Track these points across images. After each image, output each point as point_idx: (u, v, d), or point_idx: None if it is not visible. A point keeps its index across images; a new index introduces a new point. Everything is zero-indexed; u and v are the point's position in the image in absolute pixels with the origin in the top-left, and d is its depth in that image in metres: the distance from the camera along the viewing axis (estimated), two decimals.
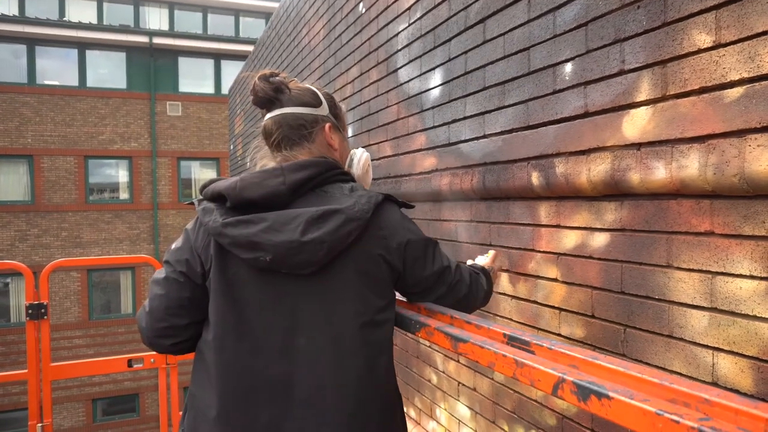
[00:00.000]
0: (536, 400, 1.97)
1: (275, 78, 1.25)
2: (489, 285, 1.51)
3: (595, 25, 1.60)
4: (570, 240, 1.76)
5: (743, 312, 1.23)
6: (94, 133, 14.87)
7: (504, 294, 2.14)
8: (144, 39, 15.47)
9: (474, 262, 1.66)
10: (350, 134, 3.68)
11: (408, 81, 2.81)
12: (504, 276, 2.13)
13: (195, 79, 16.35)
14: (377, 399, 1.16)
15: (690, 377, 1.35)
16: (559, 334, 1.83)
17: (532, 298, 1.97)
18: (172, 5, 17.56)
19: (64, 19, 15.55)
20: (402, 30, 2.85)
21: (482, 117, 2.18)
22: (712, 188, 1.25)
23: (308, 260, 1.07)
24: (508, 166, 1.99)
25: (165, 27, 17.24)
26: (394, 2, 2.92)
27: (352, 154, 1.40)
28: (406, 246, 1.19)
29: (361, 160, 1.40)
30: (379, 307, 1.17)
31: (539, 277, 1.92)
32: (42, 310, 3.21)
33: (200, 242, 1.16)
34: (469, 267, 1.51)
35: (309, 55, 4.58)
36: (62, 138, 14.53)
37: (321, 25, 4.22)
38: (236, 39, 16.74)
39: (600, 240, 1.63)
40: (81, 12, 16.23)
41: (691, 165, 1.29)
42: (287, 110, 1.25)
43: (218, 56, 16.54)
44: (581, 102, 1.66)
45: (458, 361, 2.51)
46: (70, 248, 14.38)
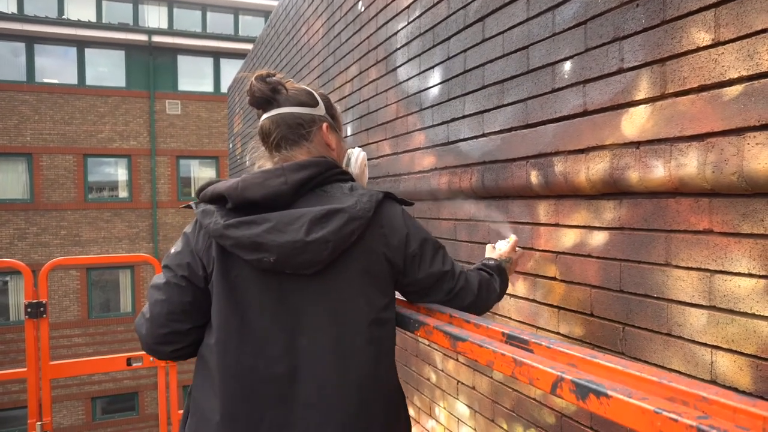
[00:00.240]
0: (535, 399, 1.97)
1: (272, 78, 1.25)
2: (504, 284, 1.50)
3: (594, 24, 1.60)
4: (569, 239, 1.76)
5: (742, 310, 1.23)
6: (93, 132, 14.86)
7: None
8: (143, 37, 15.46)
9: (490, 256, 1.67)
10: (349, 133, 3.68)
11: (407, 79, 2.81)
12: None
13: (194, 78, 16.34)
14: (381, 398, 1.16)
15: (689, 375, 1.35)
16: (558, 333, 1.83)
17: (531, 297, 1.97)
18: (171, 3, 17.54)
19: (63, 17, 15.53)
20: (401, 28, 2.85)
21: (481, 116, 2.18)
22: (711, 186, 1.25)
23: (312, 260, 1.07)
24: (507, 165, 1.99)
25: (164, 25, 17.22)
26: (393, 0, 2.92)
27: (350, 154, 1.41)
28: (406, 243, 1.19)
29: (359, 159, 1.40)
30: (382, 306, 1.17)
31: (538, 276, 1.92)
32: (41, 309, 3.21)
33: (201, 245, 1.15)
34: (481, 268, 1.50)
35: (308, 54, 4.57)
36: (61, 136, 14.52)
37: (320, 24, 4.22)
38: (235, 37, 16.73)
39: (599, 238, 1.63)
40: (80, 10, 16.21)
41: (690, 163, 1.29)
42: (284, 110, 1.24)
43: (217, 54, 16.53)
44: (580, 100, 1.66)
45: (457, 360, 2.51)
46: (69, 247, 14.37)
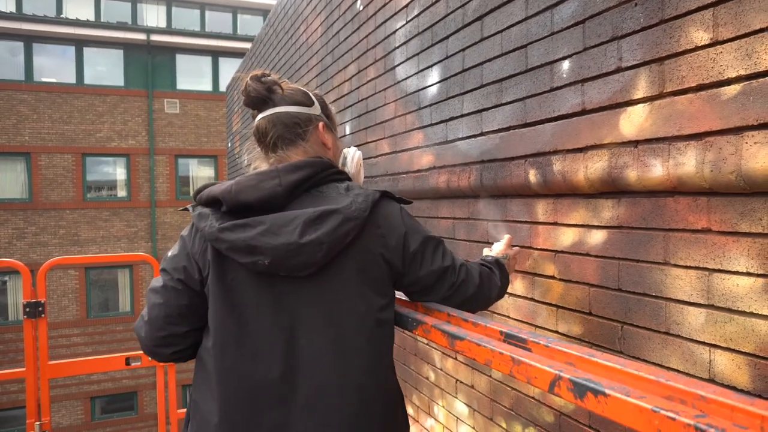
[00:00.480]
0: (534, 398, 1.97)
1: (267, 78, 1.24)
2: (504, 279, 1.49)
3: (593, 23, 1.60)
4: (567, 237, 1.76)
5: (740, 309, 1.23)
6: (92, 131, 14.84)
7: None
8: (142, 36, 15.43)
9: (488, 253, 1.67)
10: (348, 132, 3.68)
11: (405, 78, 2.81)
12: None
13: (193, 77, 16.32)
14: (380, 399, 1.16)
15: (687, 374, 1.36)
16: (557, 332, 1.83)
17: (530, 296, 1.97)
18: (170, 2, 17.51)
19: (62, 16, 15.50)
20: (399, 27, 2.85)
21: (480, 114, 2.17)
22: (709, 185, 1.25)
23: (306, 262, 1.06)
24: (506, 164, 1.99)
25: (163, 24, 17.19)
26: None
27: (345, 153, 1.40)
28: (405, 243, 1.18)
29: (355, 159, 1.39)
30: (380, 306, 1.16)
31: (536, 275, 1.92)
32: (39, 309, 3.21)
33: (197, 248, 1.15)
34: (481, 263, 1.50)
35: (307, 53, 4.57)
36: (60, 135, 14.50)
37: (319, 23, 4.22)
38: (234, 36, 16.71)
39: (597, 237, 1.63)
40: (78, 9, 16.18)
41: (689, 162, 1.29)
42: (280, 109, 1.24)
43: (216, 53, 16.51)
44: (578, 99, 1.66)
45: (456, 359, 2.52)
46: (68, 246, 14.36)
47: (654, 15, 1.40)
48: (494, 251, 1.69)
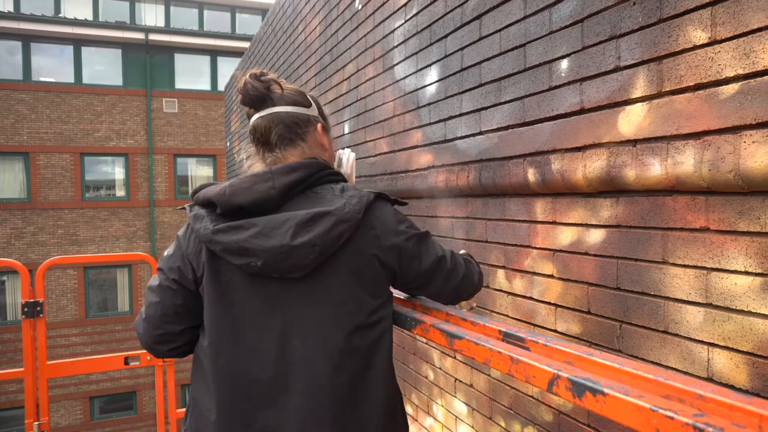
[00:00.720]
0: (533, 396, 1.97)
1: (266, 77, 1.24)
2: (479, 265, 1.50)
3: (591, 22, 1.60)
4: (566, 236, 1.76)
5: (738, 308, 1.23)
6: (90, 130, 14.82)
7: (500, 290, 2.14)
8: (140, 35, 15.41)
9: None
10: (347, 131, 3.68)
11: (404, 78, 2.81)
12: (500, 272, 2.13)
13: (191, 76, 16.30)
14: (375, 400, 1.16)
15: (685, 373, 1.36)
16: (555, 331, 1.83)
17: (528, 295, 1.97)
18: (168, 1, 17.49)
19: (60, 16, 15.48)
20: (398, 27, 2.85)
21: (478, 114, 2.17)
22: (708, 184, 1.25)
23: (298, 264, 1.06)
24: (504, 163, 1.99)
25: (161, 23, 17.17)
26: None
27: (340, 154, 1.40)
28: (400, 245, 1.18)
29: (350, 160, 1.41)
30: (374, 308, 1.16)
31: (535, 274, 1.92)
32: (38, 308, 3.20)
33: (192, 249, 1.16)
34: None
35: (305, 52, 4.57)
36: (58, 135, 14.48)
37: (317, 22, 4.21)
38: (233, 35, 16.69)
39: (596, 236, 1.64)
40: (76, 8, 16.15)
41: (687, 161, 1.29)
42: (280, 109, 1.23)
43: (214, 53, 16.49)
44: (577, 98, 1.66)
45: (455, 358, 2.52)
46: (67, 246, 14.34)
47: (652, 14, 1.40)
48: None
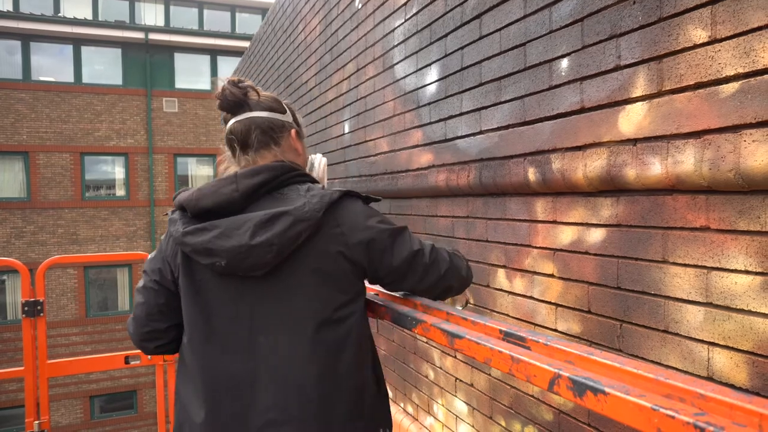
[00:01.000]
0: (533, 396, 1.97)
1: (244, 84, 1.30)
2: (466, 260, 1.49)
3: (591, 21, 1.60)
4: (566, 236, 1.76)
5: (738, 307, 1.23)
6: (90, 130, 14.81)
7: (500, 290, 2.14)
8: (140, 35, 15.40)
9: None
10: (346, 130, 3.68)
11: (404, 77, 2.81)
12: (501, 272, 2.13)
13: (191, 75, 16.29)
14: (343, 394, 1.18)
15: (686, 372, 1.36)
16: (556, 330, 1.83)
17: (529, 294, 1.97)
18: (168, 1, 17.48)
19: (59, 15, 15.46)
20: (398, 26, 2.85)
21: (478, 113, 2.17)
22: (708, 184, 1.25)
23: (257, 263, 1.12)
24: (505, 162, 1.99)
25: (161, 23, 17.16)
26: None
27: (312, 159, 1.46)
28: (369, 241, 1.19)
29: (321, 164, 1.47)
30: (341, 304, 1.18)
31: (536, 273, 1.92)
32: (38, 308, 3.20)
33: (169, 251, 1.25)
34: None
35: (305, 51, 4.56)
36: (58, 134, 14.48)
37: (317, 21, 4.21)
38: (232, 35, 16.68)
39: (596, 235, 1.64)
40: (76, 8, 16.14)
41: (687, 160, 1.29)
42: (256, 114, 1.28)
43: (214, 52, 16.48)
44: (577, 98, 1.66)
45: (455, 357, 2.52)
46: (67, 245, 14.34)
47: (652, 13, 1.40)
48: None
